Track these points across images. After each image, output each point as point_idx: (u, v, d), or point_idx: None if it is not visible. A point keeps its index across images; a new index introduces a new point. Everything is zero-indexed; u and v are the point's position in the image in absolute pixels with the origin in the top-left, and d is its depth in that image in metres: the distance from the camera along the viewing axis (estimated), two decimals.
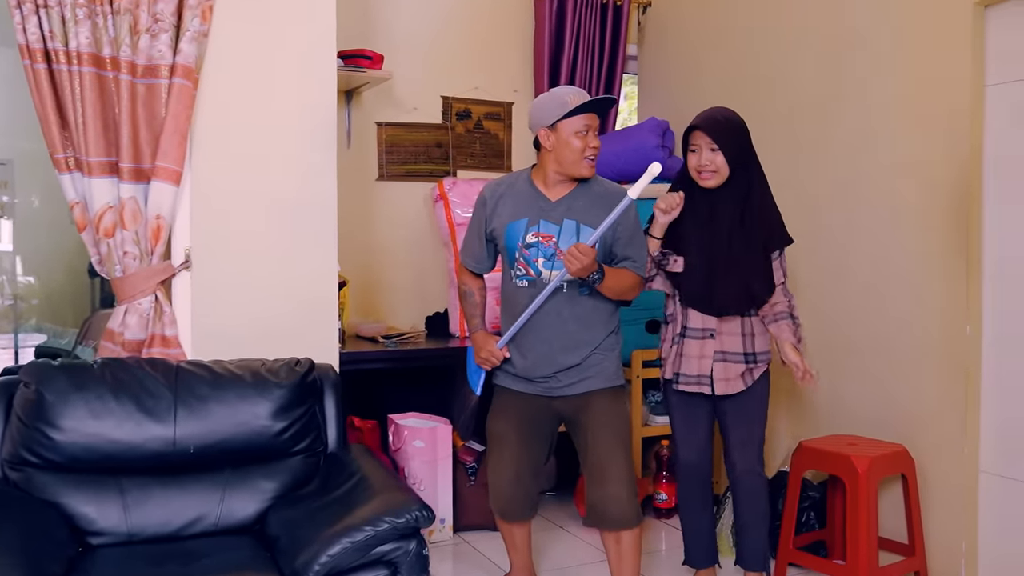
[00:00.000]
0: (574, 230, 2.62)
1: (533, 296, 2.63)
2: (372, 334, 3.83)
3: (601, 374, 2.70)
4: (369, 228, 4.12)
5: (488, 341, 2.74)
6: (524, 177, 2.73)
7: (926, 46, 3.05)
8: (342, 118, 4.01)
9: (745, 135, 2.72)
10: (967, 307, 2.92)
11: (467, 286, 2.85)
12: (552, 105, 2.58)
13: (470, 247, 2.80)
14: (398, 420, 3.71)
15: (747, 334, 2.77)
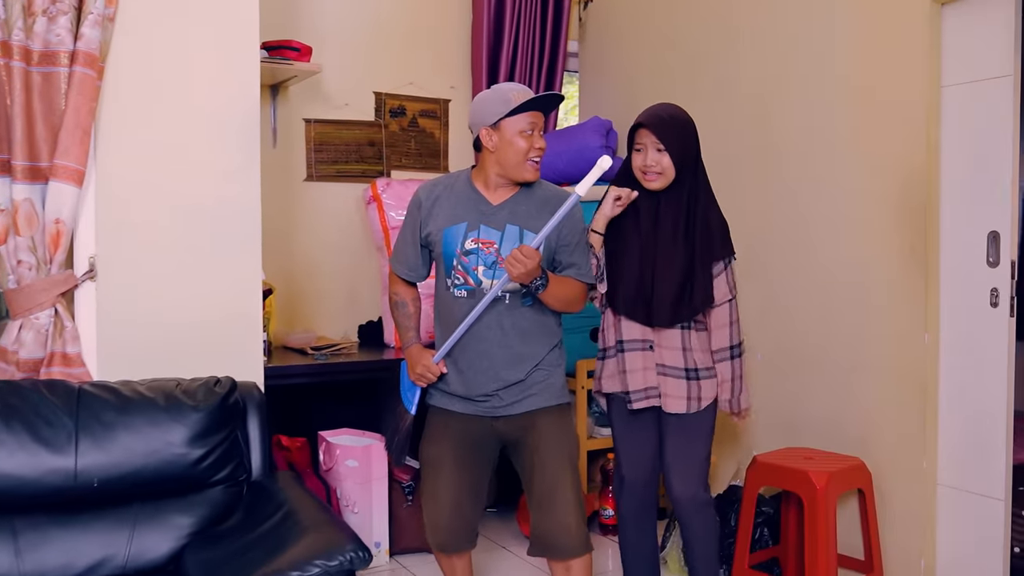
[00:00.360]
0: (517, 236, 2.44)
1: (472, 308, 2.44)
2: (300, 345, 3.59)
3: (546, 391, 2.52)
4: (297, 232, 3.87)
5: (423, 355, 2.53)
6: (463, 178, 2.54)
7: (879, 45, 2.94)
8: (267, 114, 3.76)
9: (693, 135, 2.56)
10: (925, 314, 2.83)
11: (399, 296, 2.63)
12: (494, 102, 2.39)
13: (403, 253, 2.59)
14: (329, 438, 3.48)
15: (687, 348, 2.58)
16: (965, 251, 2.78)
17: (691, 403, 2.56)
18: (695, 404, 2.56)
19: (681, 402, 2.57)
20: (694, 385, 2.57)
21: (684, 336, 2.57)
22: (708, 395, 2.57)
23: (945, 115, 2.82)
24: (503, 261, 2.38)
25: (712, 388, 2.58)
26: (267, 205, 3.30)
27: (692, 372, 2.57)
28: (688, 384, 2.57)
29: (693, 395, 2.57)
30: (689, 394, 2.56)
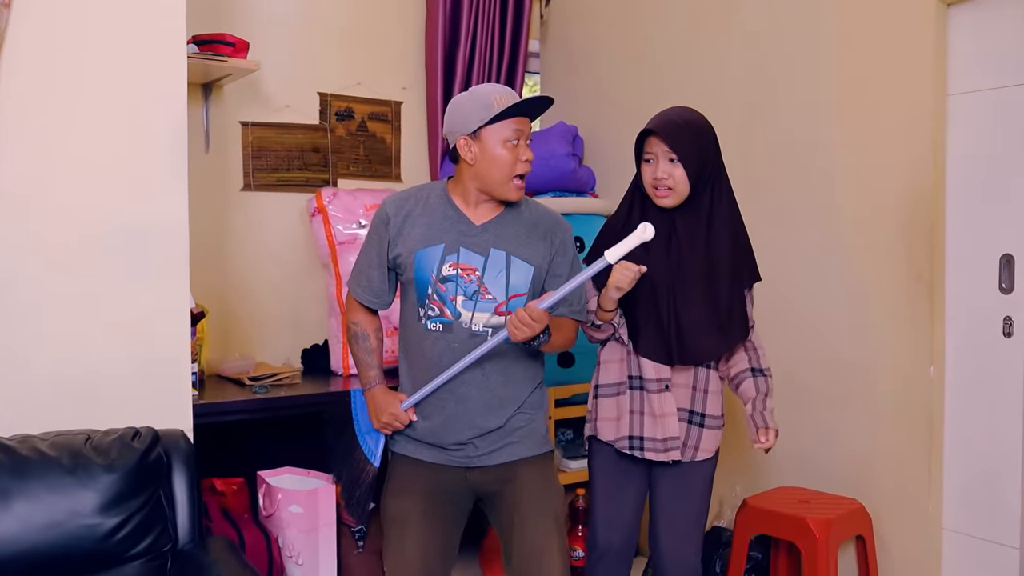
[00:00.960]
0: (503, 263, 2.13)
1: (448, 344, 2.12)
2: (237, 374, 3.21)
3: (528, 438, 2.21)
4: (233, 247, 3.49)
5: (390, 401, 2.20)
6: (438, 192, 2.21)
7: (878, 49, 2.70)
8: (198, 116, 3.37)
9: (711, 142, 2.22)
10: (931, 344, 2.59)
11: (359, 326, 2.28)
12: (474, 107, 2.08)
13: (365, 276, 2.24)
14: (270, 479, 3.10)
15: (698, 389, 2.27)
16: (975, 276, 2.55)
17: (685, 451, 2.27)
18: (690, 453, 2.27)
19: (680, 450, 2.28)
20: (694, 432, 2.27)
21: (699, 374, 2.27)
22: (707, 447, 2.27)
23: (952, 127, 2.59)
24: (487, 291, 2.10)
25: (714, 440, 2.28)
26: (199, 218, 2.99)
27: (697, 416, 2.27)
28: (688, 429, 2.27)
29: (691, 443, 2.27)
30: (686, 440, 2.27)
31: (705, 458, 2.28)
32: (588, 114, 3.84)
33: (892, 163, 2.67)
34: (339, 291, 3.40)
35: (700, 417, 2.27)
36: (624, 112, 3.64)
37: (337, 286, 3.41)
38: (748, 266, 2.26)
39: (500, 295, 2.13)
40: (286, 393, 3.04)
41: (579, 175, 3.63)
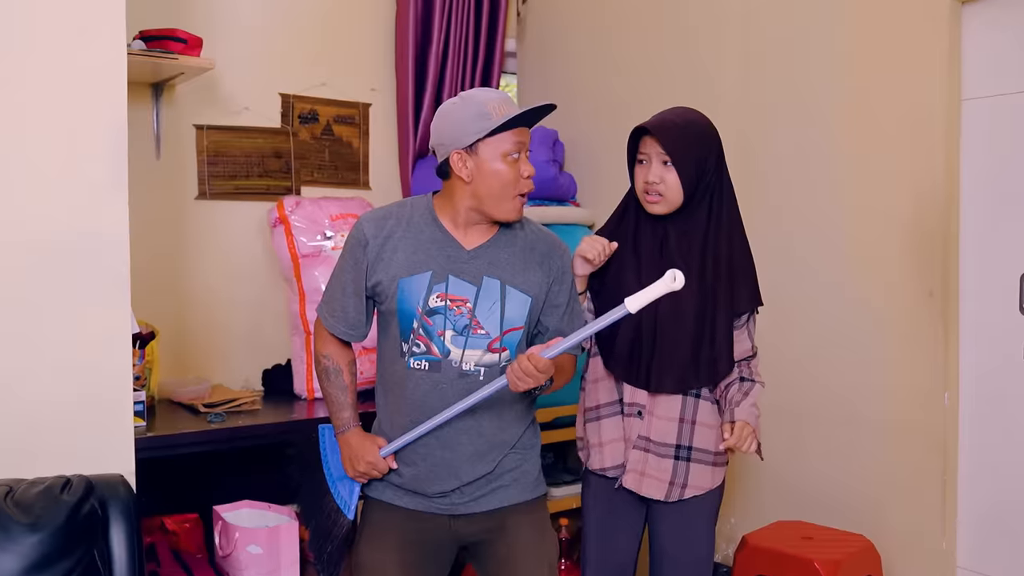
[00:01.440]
0: (497, 293, 1.91)
1: (435, 384, 1.90)
2: (191, 400, 2.94)
3: (520, 481, 1.99)
4: (187, 260, 3.23)
5: (367, 448, 1.97)
6: (423, 210, 1.97)
7: (887, 51, 2.51)
8: (147, 119, 3.11)
9: (712, 148, 2.01)
10: (944, 370, 2.40)
11: (331, 360, 2.03)
12: (470, 117, 1.84)
13: (339, 305, 1.99)
14: (226, 515, 2.85)
15: (685, 420, 2.05)
16: (992, 295, 2.37)
17: (672, 489, 2.05)
18: (676, 491, 2.05)
19: (660, 486, 2.06)
20: (681, 467, 2.05)
21: (686, 404, 2.04)
22: (698, 483, 2.05)
23: (966, 134, 2.40)
24: (478, 326, 1.88)
25: (707, 476, 2.06)
26: (150, 230, 2.90)
27: (684, 451, 2.05)
28: (675, 465, 2.05)
29: (677, 480, 2.05)
30: (673, 478, 2.05)
31: (695, 495, 2.06)
32: (569, 117, 3.60)
33: (902, 173, 2.48)
34: (302, 308, 3.16)
35: (687, 451, 2.05)
36: (607, 115, 3.43)
37: (300, 302, 3.16)
38: (749, 288, 2.04)
39: (494, 330, 1.91)
40: (244, 422, 2.78)
41: (560, 182, 3.41)
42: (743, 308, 2.01)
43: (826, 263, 2.66)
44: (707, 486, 2.05)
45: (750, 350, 2.05)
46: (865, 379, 2.57)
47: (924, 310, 2.44)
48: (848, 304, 2.61)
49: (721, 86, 2.96)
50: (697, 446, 2.05)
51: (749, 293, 2.03)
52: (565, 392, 3.22)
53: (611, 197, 3.47)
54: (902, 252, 2.49)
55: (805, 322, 2.69)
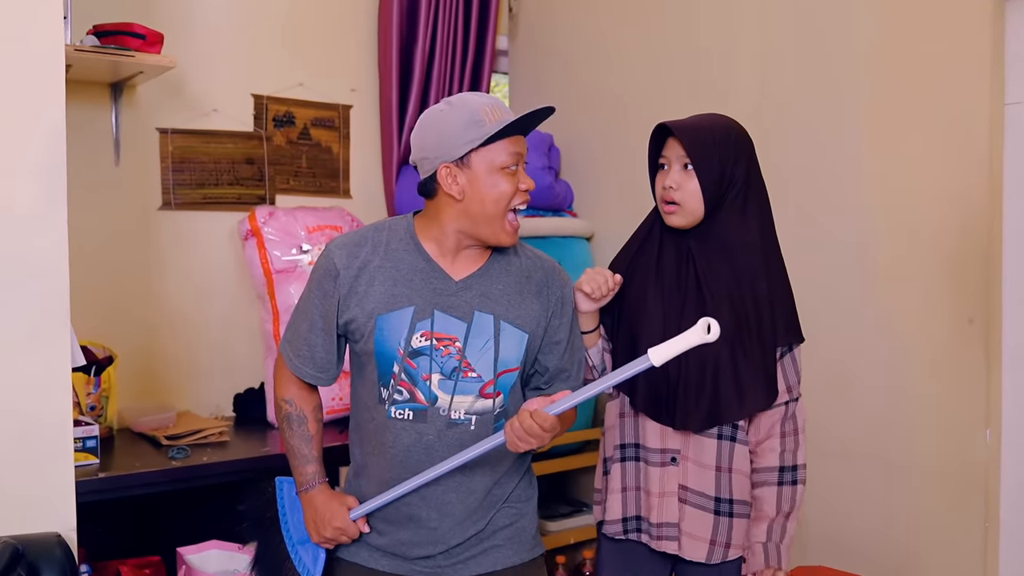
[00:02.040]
0: (490, 330, 1.66)
1: (420, 436, 1.66)
2: (154, 431, 2.69)
3: (515, 540, 1.75)
4: (151, 276, 2.97)
5: (335, 511, 1.72)
6: (402, 235, 1.72)
7: (923, 51, 2.28)
8: (106, 122, 2.86)
9: (740, 155, 1.76)
10: (986, 403, 2.17)
11: (294, 406, 1.78)
12: (459, 125, 1.60)
13: (306, 344, 1.74)
14: (191, 558, 2.60)
15: (722, 469, 1.79)
16: None
17: (714, 549, 1.79)
18: (720, 552, 1.79)
19: (701, 546, 1.79)
20: (723, 524, 1.79)
21: (721, 449, 1.78)
22: (739, 542, 1.80)
23: (1010, 143, 2.17)
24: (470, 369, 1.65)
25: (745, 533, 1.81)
26: (109, 242, 2.79)
27: (724, 504, 1.79)
28: (716, 521, 1.79)
29: (720, 539, 1.79)
30: (714, 536, 1.79)
31: (739, 555, 1.81)
32: (565, 121, 3.33)
33: (937, 186, 2.24)
34: (276, 327, 2.91)
35: (728, 505, 1.79)
36: (606, 118, 3.19)
37: (274, 321, 2.92)
38: (784, 317, 1.79)
39: (487, 373, 1.66)
40: (210, 458, 2.52)
41: (556, 191, 3.17)
42: (779, 339, 1.75)
43: (853, 287, 2.42)
44: (745, 544, 1.80)
45: (787, 393, 1.78)
46: (897, 414, 2.34)
47: (963, 338, 2.21)
48: (878, 332, 2.37)
49: (734, 88, 2.71)
50: (737, 498, 1.79)
51: (786, 322, 1.77)
52: None
53: (610, 206, 3.25)
54: (938, 274, 2.25)
55: (829, 351, 2.44)
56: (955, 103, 2.21)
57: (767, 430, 1.77)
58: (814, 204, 2.50)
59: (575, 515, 3.05)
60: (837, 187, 2.46)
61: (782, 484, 1.76)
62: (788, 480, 1.76)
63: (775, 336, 1.74)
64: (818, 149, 2.50)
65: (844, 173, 2.44)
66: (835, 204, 2.46)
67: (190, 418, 2.86)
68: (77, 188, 2.74)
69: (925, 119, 2.27)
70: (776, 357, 1.76)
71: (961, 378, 2.21)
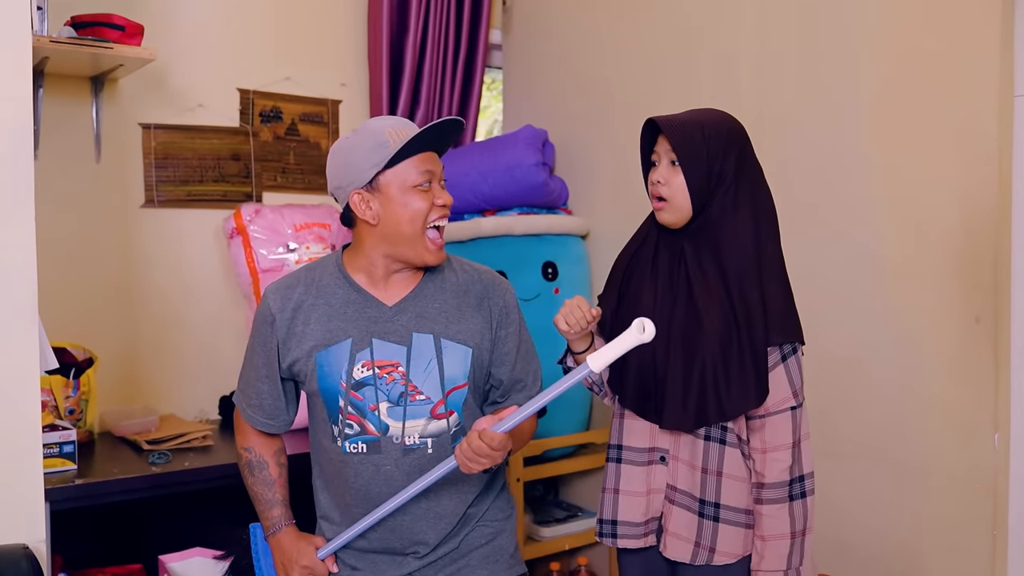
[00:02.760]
0: (431, 350, 1.63)
1: (377, 468, 1.64)
2: (135, 435, 2.61)
3: (490, 559, 1.71)
4: (133, 275, 2.89)
5: (302, 550, 1.71)
6: (331, 269, 1.71)
7: (928, 40, 2.20)
8: (85, 117, 2.78)
9: (730, 149, 1.69)
10: (995, 406, 2.09)
11: (253, 452, 1.79)
12: (365, 150, 1.60)
13: (253, 392, 1.75)
14: (174, 565, 2.52)
15: (707, 470, 1.71)
16: None
17: (698, 551, 1.71)
18: (704, 555, 1.71)
19: (686, 546, 1.72)
20: (707, 527, 1.71)
21: (708, 451, 1.71)
22: (726, 549, 1.71)
23: (1020, 136, 2.08)
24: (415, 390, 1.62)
25: (735, 541, 1.71)
26: (90, 240, 2.76)
27: (709, 507, 1.71)
28: (700, 523, 1.71)
29: (704, 541, 1.71)
30: (699, 538, 1.71)
31: (727, 563, 1.72)
32: (560, 117, 3.29)
33: (944, 181, 2.16)
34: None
35: (713, 508, 1.71)
36: (602, 114, 3.10)
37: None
38: (778, 317, 1.70)
39: (435, 393, 1.63)
40: (192, 463, 2.44)
41: (550, 188, 3.08)
42: (772, 338, 1.67)
43: (858, 285, 2.33)
44: (739, 552, 1.71)
45: (790, 398, 1.68)
46: (902, 417, 2.25)
47: (970, 338, 2.12)
48: (882, 332, 2.29)
49: (733, 83, 2.63)
50: (725, 503, 1.71)
51: (780, 324, 1.68)
52: (556, 422, 2.92)
53: (606, 203, 3.16)
54: (945, 272, 2.17)
55: (832, 353, 2.36)
56: (963, 95, 2.12)
57: (773, 439, 1.67)
58: (818, 201, 2.42)
59: (570, 520, 2.96)
60: (842, 183, 2.38)
61: (793, 499, 1.67)
62: (798, 493, 1.67)
63: (767, 336, 1.66)
64: (822, 145, 2.41)
65: (849, 169, 2.36)
66: (840, 200, 2.38)
67: (174, 422, 2.78)
68: (57, 184, 2.71)
69: (932, 112, 2.18)
70: (769, 358, 1.67)
71: (969, 380, 2.13)
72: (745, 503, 1.71)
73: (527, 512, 2.97)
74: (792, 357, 1.68)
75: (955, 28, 2.13)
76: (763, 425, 1.67)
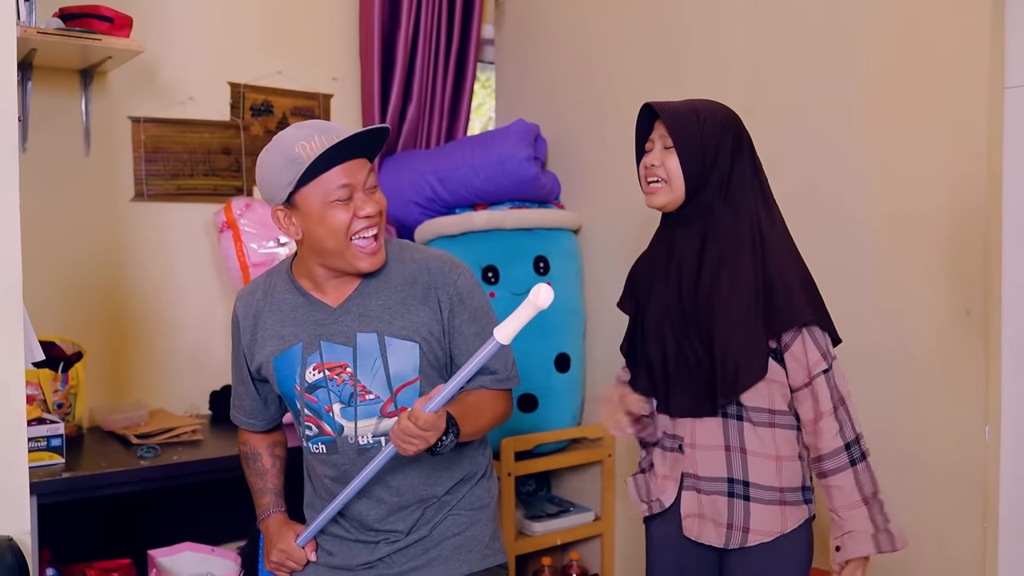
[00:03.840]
0: (376, 349, 1.63)
1: (336, 466, 1.69)
2: (124, 429, 2.60)
3: (463, 549, 1.71)
4: (123, 269, 2.88)
5: (283, 535, 1.75)
6: (283, 275, 1.73)
7: (918, 31, 2.19)
8: (75, 110, 2.76)
9: (725, 135, 1.71)
10: (985, 399, 2.09)
11: (248, 445, 1.87)
12: (277, 168, 1.56)
13: (235, 392, 1.87)
14: (163, 560, 2.51)
15: (732, 448, 1.70)
16: None
17: (732, 534, 1.70)
18: (738, 536, 1.70)
19: (718, 531, 1.71)
20: (739, 507, 1.70)
21: (727, 429, 1.70)
22: (763, 527, 1.69)
23: (1010, 127, 2.08)
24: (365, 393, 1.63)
25: (774, 518, 1.70)
26: (79, 234, 2.75)
27: (739, 486, 1.70)
28: (730, 504, 1.70)
29: (736, 522, 1.70)
30: (731, 520, 1.70)
31: (761, 541, 1.70)
32: (552, 111, 3.28)
33: (934, 173, 2.16)
34: None
35: (743, 487, 1.70)
36: (595, 108, 3.10)
37: None
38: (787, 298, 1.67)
39: (383, 392, 1.64)
40: (181, 457, 2.42)
41: (542, 182, 3.07)
42: (787, 324, 1.66)
43: (846, 277, 2.33)
44: (776, 530, 1.70)
45: (822, 362, 1.67)
46: (892, 410, 2.25)
47: (961, 331, 2.12)
48: (872, 324, 2.29)
49: (724, 77, 2.63)
50: (753, 480, 1.70)
51: (807, 302, 1.67)
52: (549, 416, 2.91)
53: (599, 198, 3.15)
54: (935, 264, 2.17)
55: None
56: (953, 87, 2.12)
57: (815, 407, 1.67)
58: (808, 193, 2.41)
59: (562, 515, 2.95)
60: (832, 176, 2.37)
61: (854, 464, 1.67)
62: (857, 456, 1.67)
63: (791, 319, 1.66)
64: (812, 137, 2.41)
65: (840, 161, 2.36)
66: (830, 193, 2.37)
67: (163, 416, 2.77)
68: (46, 178, 2.69)
69: (922, 104, 2.18)
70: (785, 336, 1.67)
71: (960, 372, 2.13)
72: (776, 480, 1.70)
73: (518, 507, 2.96)
74: (806, 331, 1.68)
75: (945, 20, 2.13)
76: (803, 397, 1.68)
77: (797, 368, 1.67)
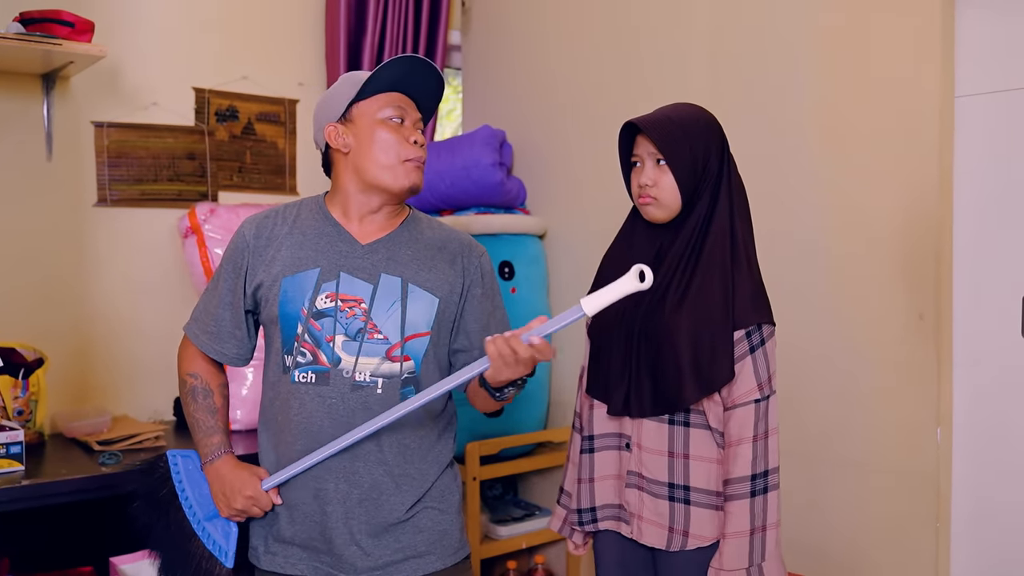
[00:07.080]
0: (397, 292, 1.63)
1: (323, 400, 1.62)
2: (86, 436, 2.58)
3: (439, 546, 1.70)
4: (86, 274, 2.86)
5: (246, 479, 1.67)
6: (312, 206, 1.73)
7: (869, 42, 2.23)
8: (37, 114, 2.75)
9: (711, 145, 1.73)
10: (937, 402, 2.13)
11: (199, 379, 1.76)
12: (342, 88, 1.67)
13: (211, 319, 1.74)
14: (126, 567, 2.51)
15: (676, 454, 1.71)
16: (990, 318, 2.10)
17: (673, 537, 1.71)
18: (678, 540, 1.71)
19: (660, 532, 1.72)
20: (679, 510, 1.71)
21: (673, 435, 1.71)
22: (699, 532, 1.70)
23: (961, 136, 2.13)
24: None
25: (708, 525, 1.70)
26: (41, 239, 2.74)
27: (679, 491, 1.71)
28: (672, 507, 1.71)
29: (677, 526, 1.71)
30: (672, 523, 1.71)
31: (699, 545, 1.70)
32: (518, 117, 3.31)
33: (887, 180, 2.20)
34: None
35: (683, 491, 1.70)
36: (561, 115, 3.12)
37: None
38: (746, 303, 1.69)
39: (393, 335, 1.63)
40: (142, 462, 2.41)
41: (507, 188, 3.10)
42: (740, 320, 1.66)
43: (801, 283, 2.37)
44: (713, 535, 1.70)
45: (756, 391, 1.67)
46: (846, 413, 2.29)
47: (913, 335, 2.16)
48: (827, 329, 2.32)
49: (685, 86, 2.66)
50: (694, 485, 1.70)
51: (752, 305, 1.69)
52: (514, 420, 2.93)
53: (564, 204, 3.18)
54: (888, 270, 2.21)
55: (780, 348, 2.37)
56: (905, 96, 2.16)
57: (738, 433, 1.67)
58: (763, 200, 2.43)
59: (527, 519, 2.97)
60: (787, 184, 2.41)
61: (754, 495, 1.66)
62: (760, 488, 1.66)
63: (733, 321, 1.67)
64: (767, 146, 2.44)
65: (794, 169, 2.39)
66: (785, 200, 2.41)
67: (127, 422, 2.75)
68: (7, 182, 2.68)
69: (875, 113, 2.22)
70: (737, 348, 1.67)
71: (912, 375, 2.17)
72: (715, 485, 1.70)
73: (484, 511, 2.98)
74: (760, 349, 1.68)
75: (897, 30, 2.17)
76: (729, 418, 1.68)
77: (733, 388, 1.68)
